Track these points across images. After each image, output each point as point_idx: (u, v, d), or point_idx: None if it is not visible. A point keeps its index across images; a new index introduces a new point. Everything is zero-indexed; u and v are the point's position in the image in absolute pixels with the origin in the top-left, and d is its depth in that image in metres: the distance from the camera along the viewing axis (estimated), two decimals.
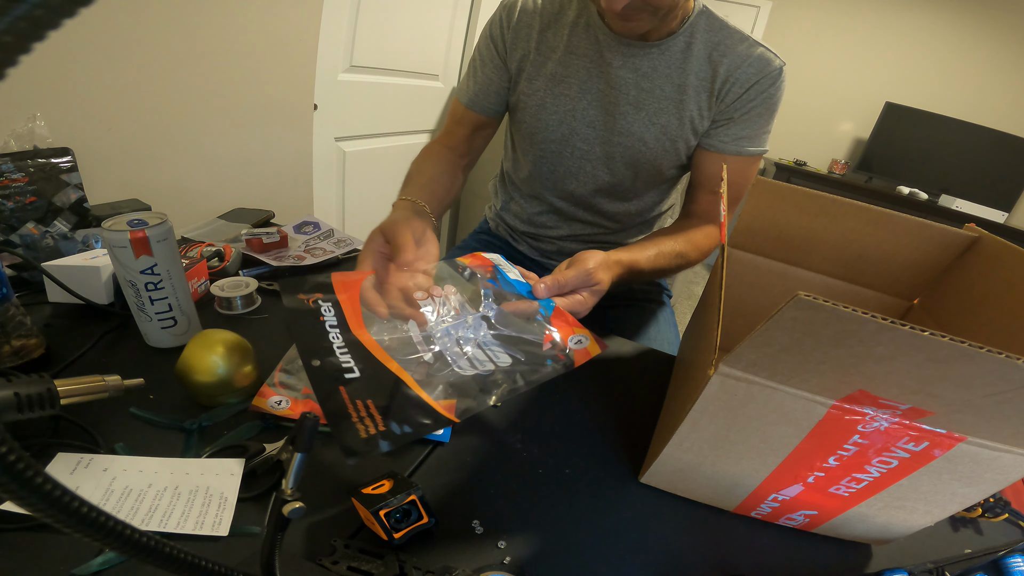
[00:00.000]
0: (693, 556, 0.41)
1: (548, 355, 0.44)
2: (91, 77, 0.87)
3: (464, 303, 0.49)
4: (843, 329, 0.28)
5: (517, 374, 0.42)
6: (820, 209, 0.59)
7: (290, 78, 1.29)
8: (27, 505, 0.15)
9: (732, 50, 0.67)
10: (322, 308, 0.44)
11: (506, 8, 0.74)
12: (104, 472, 0.38)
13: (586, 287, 0.53)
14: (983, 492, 0.36)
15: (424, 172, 0.72)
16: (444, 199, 0.70)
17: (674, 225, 0.78)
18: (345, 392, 0.37)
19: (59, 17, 0.11)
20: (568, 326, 0.48)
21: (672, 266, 0.69)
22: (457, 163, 0.79)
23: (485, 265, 0.55)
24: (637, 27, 0.61)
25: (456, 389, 0.40)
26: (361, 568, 0.35)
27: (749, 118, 0.69)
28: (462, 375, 0.41)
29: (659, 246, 0.67)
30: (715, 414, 0.38)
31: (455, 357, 0.43)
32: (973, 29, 3.23)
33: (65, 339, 0.52)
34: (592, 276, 0.53)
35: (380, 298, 0.46)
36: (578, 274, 0.52)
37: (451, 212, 2.30)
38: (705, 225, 0.75)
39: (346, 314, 0.44)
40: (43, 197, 0.70)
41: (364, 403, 0.36)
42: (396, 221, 0.53)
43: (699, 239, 0.72)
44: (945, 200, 3.33)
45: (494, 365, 0.43)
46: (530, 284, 0.52)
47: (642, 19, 0.60)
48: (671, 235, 0.71)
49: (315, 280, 0.47)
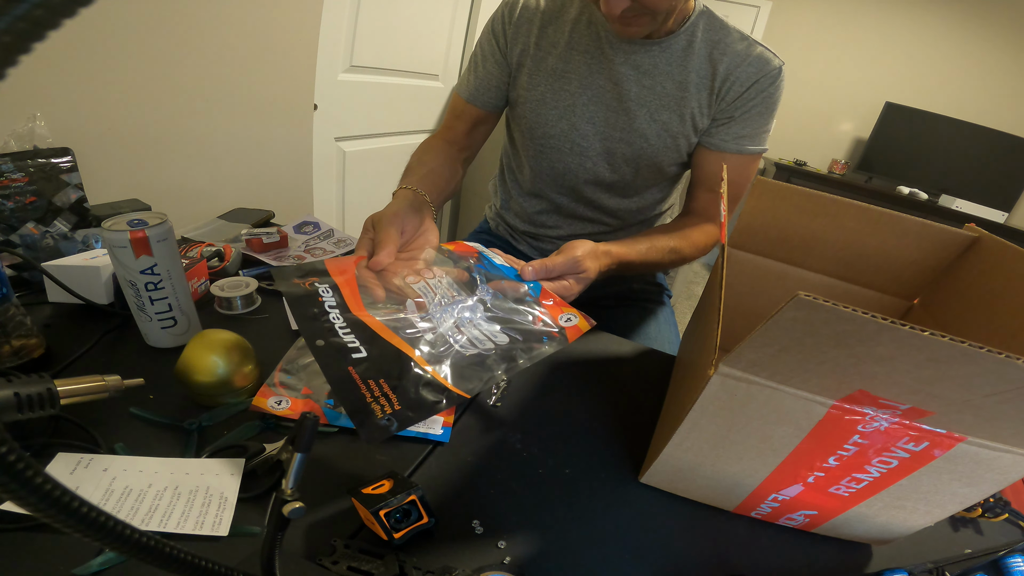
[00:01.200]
0: (693, 556, 0.41)
1: (542, 332, 0.46)
2: (91, 77, 0.87)
3: (458, 286, 0.50)
4: (843, 329, 0.28)
5: (516, 351, 0.43)
6: (820, 209, 0.59)
7: (290, 78, 1.29)
8: (27, 505, 0.15)
9: (731, 49, 0.67)
10: (319, 290, 0.44)
11: (508, 4, 0.75)
12: (104, 472, 0.38)
13: (572, 273, 0.54)
14: (983, 492, 0.36)
15: (425, 163, 0.73)
16: (444, 190, 0.71)
17: (672, 222, 0.79)
18: (355, 372, 0.37)
19: (59, 17, 0.11)
20: (556, 306, 0.50)
21: (665, 260, 0.70)
22: (457, 156, 0.80)
23: (470, 252, 0.56)
24: (636, 32, 0.62)
25: (460, 367, 0.41)
26: (361, 568, 0.35)
27: (749, 117, 0.70)
28: (464, 354, 0.42)
29: (652, 240, 0.68)
30: (715, 414, 0.38)
31: (455, 337, 0.44)
32: (973, 29, 3.23)
33: (65, 339, 0.52)
34: (580, 263, 0.54)
35: (377, 280, 0.47)
36: (566, 260, 0.53)
37: (451, 212, 2.30)
38: (703, 223, 0.75)
39: (344, 296, 0.45)
40: (43, 197, 0.70)
41: (377, 383, 0.37)
42: (386, 215, 0.54)
43: (695, 235, 0.73)
44: (945, 200, 3.33)
45: (493, 344, 0.44)
46: (516, 268, 0.53)
47: (641, 23, 0.60)
48: (666, 231, 0.71)
49: (309, 266, 0.48)
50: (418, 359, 0.40)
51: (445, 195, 0.71)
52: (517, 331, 0.46)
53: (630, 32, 0.62)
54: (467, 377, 0.40)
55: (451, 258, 0.55)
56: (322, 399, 0.48)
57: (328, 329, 0.40)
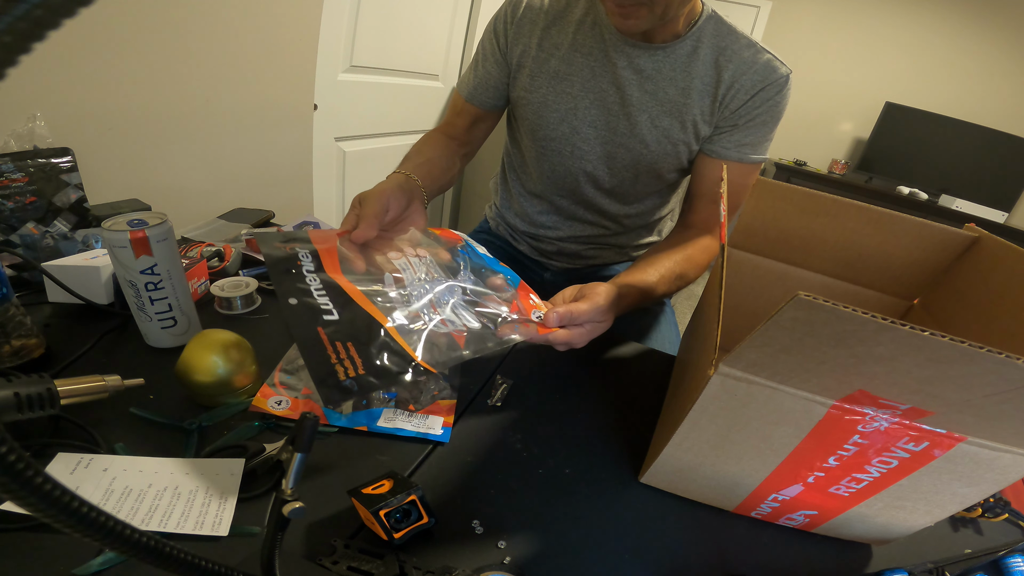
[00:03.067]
0: (693, 556, 0.41)
1: (515, 322, 0.48)
2: (91, 77, 0.87)
3: (439, 268, 0.51)
4: (843, 329, 0.28)
5: (487, 336, 0.45)
6: (820, 209, 0.59)
7: (290, 78, 1.29)
8: (27, 505, 0.15)
9: (738, 55, 0.66)
10: (299, 254, 0.45)
11: (512, 3, 0.74)
12: (104, 472, 0.38)
13: (593, 322, 0.53)
14: (983, 492, 0.36)
15: (422, 153, 0.73)
16: (439, 180, 0.71)
17: (673, 239, 0.75)
18: (323, 333, 0.38)
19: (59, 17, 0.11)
20: (530, 304, 0.51)
21: (672, 289, 0.69)
22: (456, 151, 0.80)
23: (455, 239, 0.57)
24: (636, 24, 0.60)
25: (431, 343, 0.41)
26: (361, 568, 0.35)
27: (753, 125, 0.68)
28: (436, 332, 0.43)
29: (660, 272, 0.65)
30: (715, 414, 0.38)
31: (430, 315, 0.45)
32: (973, 29, 3.23)
33: (65, 339, 0.52)
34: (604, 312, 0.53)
35: (358, 252, 0.48)
36: (591, 308, 0.52)
37: (451, 212, 2.30)
38: (702, 236, 0.73)
39: (323, 262, 0.45)
40: (43, 197, 0.70)
41: (344, 345, 0.37)
42: (373, 192, 0.54)
43: (698, 256, 0.71)
44: (945, 200, 3.33)
45: (465, 327, 0.45)
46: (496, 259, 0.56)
47: (640, 16, 0.59)
48: (672, 257, 0.68)
49: (291, 234, 0.48)
50: (389, 329, 0.41)
51: (439, 185, 0.72)
52: (490, 319, 0.47)
53: (628, 25, 0.60)
54: (436, 353, 0.41)
55: (436, 241, 0.56)
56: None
57: (303, 290, 0.41)
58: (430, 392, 0.51)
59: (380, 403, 0.49)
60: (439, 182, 0.71)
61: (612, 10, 0.60)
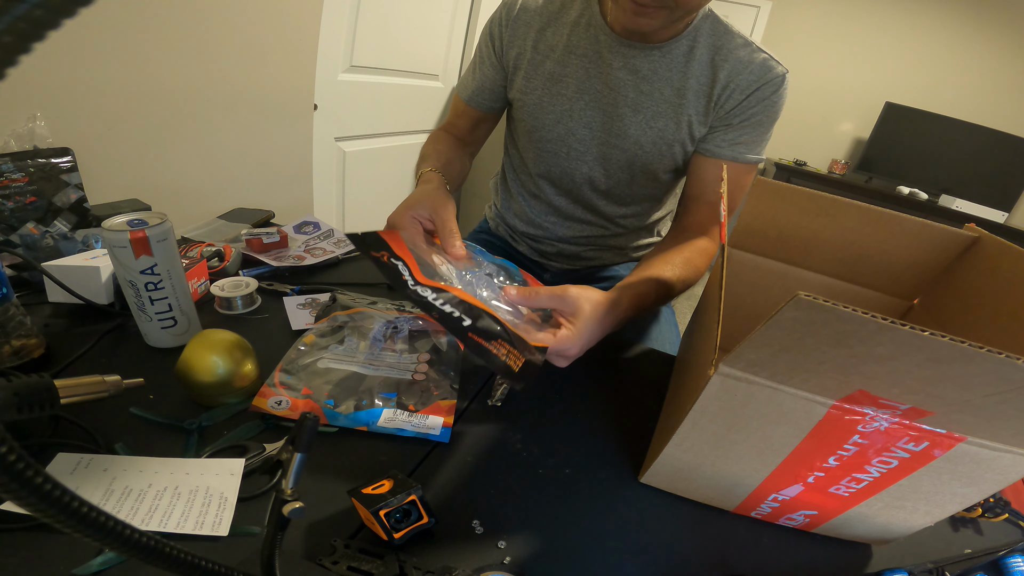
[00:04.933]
0: (693, 556, 0.41)
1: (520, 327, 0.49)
2: (91, 77, 0.87)
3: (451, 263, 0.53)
4: (843, 329, 0.28)
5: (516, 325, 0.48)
6: (820, 209, 0.59)
7: (290, 78, 1.29)
8: (27, 505, 0.15)
9: (733, 55, 0.66)
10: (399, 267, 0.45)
11: (507, 5, 0.74)
12: (104, 472, 0.38)
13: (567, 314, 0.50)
14: (983, 492, 0.36)
15: (441, 152, 0.74)
16: (457, 180, 0.73)
17: (667, 243, 0.72)
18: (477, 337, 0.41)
19: (59, 17, 0.11)
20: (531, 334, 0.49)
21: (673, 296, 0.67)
22: (464, 150, 0.82)
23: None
24: (648, 24, 0.59)
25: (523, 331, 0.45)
26: (361, 568, 0.35)
27: (748, 125, 0.68)
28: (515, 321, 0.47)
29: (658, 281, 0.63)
30: (715, 414, 0.38)
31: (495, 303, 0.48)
32: (973, 29, 3.23)
33: (65, 339, 0.52)
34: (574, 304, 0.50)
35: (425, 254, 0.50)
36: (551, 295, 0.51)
37: None
38: (698, 238, 0.71)
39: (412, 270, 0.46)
40: (43, 197, 0.70)
41: (497, 343, 0.41)
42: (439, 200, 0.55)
43: (696, 260, 0.69)
44: (945, 200, 3.33)
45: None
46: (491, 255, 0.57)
47: (658, 16, 0.58)
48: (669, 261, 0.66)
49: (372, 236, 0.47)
50: (507, 323, 0.43)
51: (457, 184, 0.73)
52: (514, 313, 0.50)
53: (639, 24, 0.59)
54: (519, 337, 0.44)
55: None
56: (322, 399, 0.48)
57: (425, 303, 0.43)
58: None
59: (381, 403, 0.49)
60: (456, 181, 0.73)
61: (627, 7, 0.58)
